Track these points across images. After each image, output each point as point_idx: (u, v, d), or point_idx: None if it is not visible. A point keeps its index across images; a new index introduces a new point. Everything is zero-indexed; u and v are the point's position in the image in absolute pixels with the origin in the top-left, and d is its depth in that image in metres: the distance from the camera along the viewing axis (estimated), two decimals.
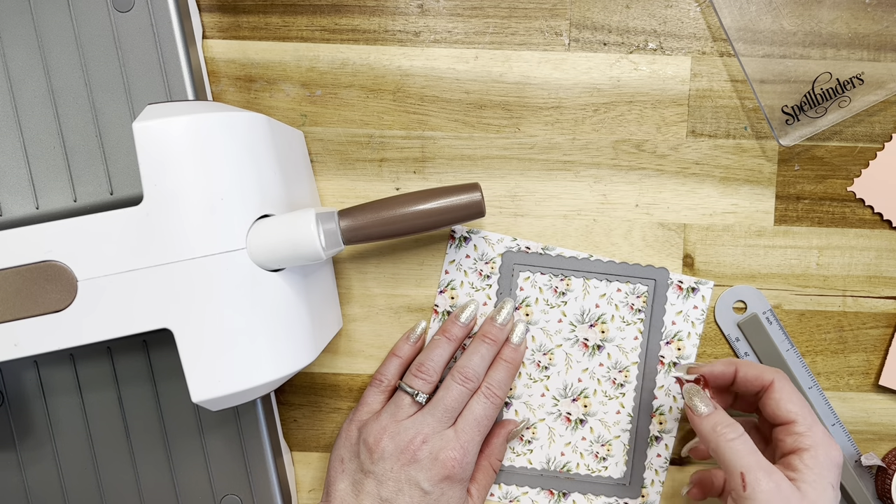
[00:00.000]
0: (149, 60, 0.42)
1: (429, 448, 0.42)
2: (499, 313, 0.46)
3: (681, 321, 0.47)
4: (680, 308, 0.47)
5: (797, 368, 0.47)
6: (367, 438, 0.42)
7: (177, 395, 0.44)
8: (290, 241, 0.35)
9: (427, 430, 0.42)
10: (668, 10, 0.46)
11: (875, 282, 0.47)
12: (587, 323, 0.47)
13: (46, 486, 0.44)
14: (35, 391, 0.44)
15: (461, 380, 0.43)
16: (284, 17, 0.47)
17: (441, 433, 0.42)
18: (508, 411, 0.48)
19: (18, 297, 0.35)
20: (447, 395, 0.43)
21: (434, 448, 0.42)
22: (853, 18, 0.45)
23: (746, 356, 0.47)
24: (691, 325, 0.47)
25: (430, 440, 0.42)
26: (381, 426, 0.42)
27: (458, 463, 0.42)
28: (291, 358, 0.37)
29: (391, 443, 0.42)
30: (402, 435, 0.42)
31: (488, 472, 0.46)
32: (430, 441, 0.42)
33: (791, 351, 0.47)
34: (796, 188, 0.47)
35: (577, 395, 0.47)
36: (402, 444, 0.41)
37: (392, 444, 0.42)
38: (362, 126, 0.47)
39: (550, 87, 0.46)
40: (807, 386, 0.47)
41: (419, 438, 0.42)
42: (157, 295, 0.34)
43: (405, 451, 0.41)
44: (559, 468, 0.47)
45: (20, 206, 0.42)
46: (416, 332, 0.47)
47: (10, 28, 0.42)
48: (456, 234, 0.47)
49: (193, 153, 0.34)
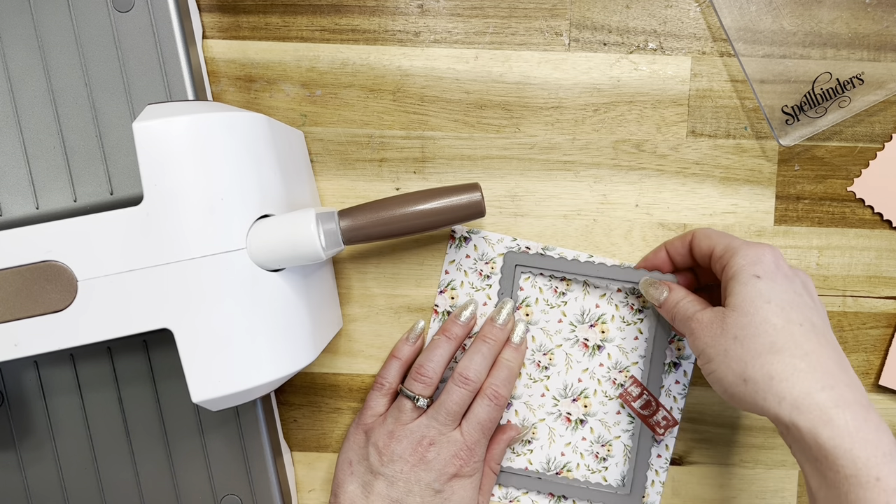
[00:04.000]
0: (149, 60, 0.42)
1: (436, 450, 0.42)
2: (499, 314, 0.46)
3: None
4: None
5: None
6: (377, 442, 0.43)
7: (177, 395, 0.44)
8: (290, 241, 0.35)
9: (433, 433, 0.42)
10: (668, 10, 0.46)
11: (875, 282, 0.47)
12: (587, 323, 0.47)
13: (46, 486, 0.44)
14: (35, 391, 0.44)
15: (461, 382, 0.43)
16: (284, 17, 0.47)
17: (447, 435, 0.43)
18: (509, 411, 0.48)
19: (18, 297, 0.35)
20: (448, 398, 0.43)
21: (442, 450, 0.42)
22: (853, 18, 0.45)
23: None
24: None
25: (436, 442, 0.42)
26: (387, 430, 0.43)
27: (465, 462, 0.42)
28: (291, 358, 0.36)
29: (399, 445, 0.42)
30: (410, 437, 0.42)
31: (489, 476, 0.46)
32: (437, 443, 0.42)
33: None
34: (796, 188, 0.47)
35: (577, 395, 0.47)
36: (410, 446, 0.42)
37: (401, 447, 0.42)
38: (362, 126, 0.47)
39: (550, 87, 0.46)
40: None
41: (426, 441, 0.42)
42: (158, 295, 0.34)
43: (414, 452, 0.42)
44: (559, 468, 0.47)
45: (20, 206, 0.42)
46: (415, 331, 0.47)
47: (10, 28, 0.42)
48: (456, 234, 0.47)
49: (193, 153, 0.34)
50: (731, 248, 0.39)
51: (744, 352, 0.35)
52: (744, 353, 0.35)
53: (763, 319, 0.35)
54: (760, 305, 0.36)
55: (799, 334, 0.35)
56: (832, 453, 0.32)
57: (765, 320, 0.35)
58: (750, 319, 0.36)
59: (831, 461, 0.32)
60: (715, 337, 0.36)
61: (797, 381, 0.34)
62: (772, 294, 0.36)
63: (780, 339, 0.35)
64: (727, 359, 0.36)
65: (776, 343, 0.35)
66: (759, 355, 0.35)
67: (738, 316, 0.36)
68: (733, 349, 0.36)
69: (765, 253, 0.38)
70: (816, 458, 0.33)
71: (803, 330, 0.35)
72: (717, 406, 0.48)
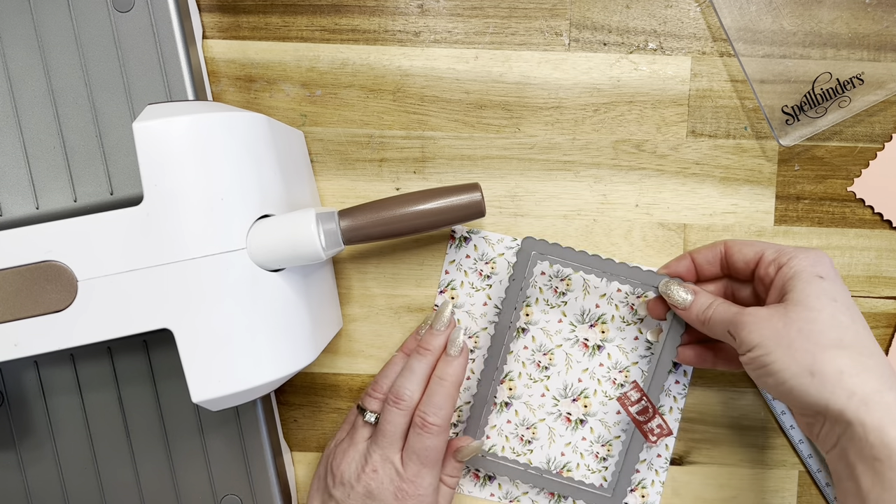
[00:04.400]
0: (149, 60, 0.42)
1: (379, 479, 0.41)
2: (437, 319, 0.44)
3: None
4: None
5: None
6: (332, 462, 0.43)
7: (177, 395, 0.44)
8: (291, 241, 0.35)
9: (376, 458, 0.41)
10: (668, 10, 0.46)
11: (875, 282, 0.47)
12: (587, 323, 0.47)
13: (46, 486, 0.44)
14: (35, 391, 0.44)
15: (393, 401, 0.42)
16: (284, 17, 0.47)
17: (390, 462, 0.41)
18: (508, 411, 0.48)
19: (18, 297, 0.35)
20: (384, 420, 0.42)
21: (384, 482, 0.41)
22: (853, 18, 0.45)
23: None
24: None
25: (379, 469, 0.41)
26: (341, 449, 0.43)
27: (408, 496, 0.41)
28: (291, 358, 0.36)
29: (349, 468, 0.42)
30: (357, 458, 0.42)
31: (445, 493, 0.44)
32: (379, 470, 0.41)
33: None
34: (796, 188, 0.47)
35: (577, 395, 0.47)
36: (356, 470, 0.42)
37: (349, 470, 0.42)
38: (362, 126, 0.47)
39: (550, 87, 0.46)
40: None
41: (370, 467, 0.41)
42: (158, 295, 0.34)
43: (359, 480, 0.41)
44: (559, 468, 0.47)
45: (20, 206, 0.42)
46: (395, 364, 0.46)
47: (10, 28, 0.42)
48: (456, 235, 0.47)
49: (193, 153, 0.34)
50: (785, 251, 0.39)
51: (811, 345, 0.35)
52: (812, 347, 0.35)
53: (831, 315, 0.35)
54: (827, 302, 0.36)
55: (864, 334, 0.36)
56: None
57: (832, 316, 0.35)
58: (818, 315, 0.35)
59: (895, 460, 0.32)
60: (776, 330, 0.36)
61: (868, 377, 0.34)
62: (836, 294, 0.36)
63: (848, 337, 0.35)
64: (792, 350, 0.35)
65: (844, 339, 0.35)
66: (827, 349, 0.35)
67: (803, 310, 0.36)
68: (799, 342, 0.35)
69: (824, 257, 0.38)
70: (877, 458, 0.33)
71: (867, 331, 0.36)
72: (717, 406, 0.48)
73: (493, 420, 0.48)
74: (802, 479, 0.48)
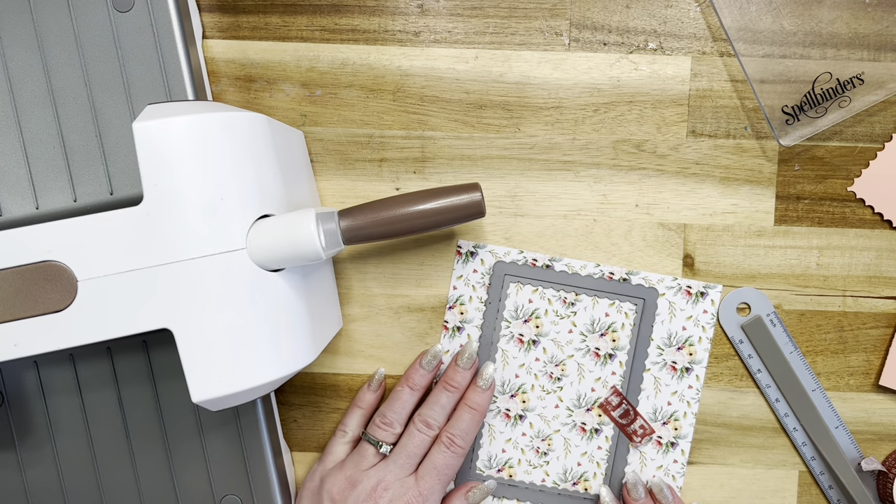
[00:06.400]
0: (149, 60, 0.42)
1: (390, 496, 0.42)
2: (461, 357, 0.45)
3: (691, 326, 0.47)
4: (690, 313, 0.47)
5: (801, 371, 0.47)
6: (332, 489, 0.43)
7: (177, 395, 0.44)
8: (290, 241, 0.35)
9: (389, 478, 0.42)
10: (668, 10, 0.46)
11: (875, 282, 0.47)
12: (598, 332, 0.47)
13: (46, 486, 0.44)
14: (35, 391, 0.44)
15: (423, 427, 0.44)
16: (284, 17, 0.47)
17: (402, 480, 0.43)
18: (523, 424, 0.47)
19: (18, 297, 0.35)
20: (409, 441, 0.43)
21: (395, 495, 0.42)
22: (853, 18, 0.45)
23: (750, 358, 0.47)
24: (702, 329, 0.47)
25: (391, 487, 0.42)
26: (344, 475, 0.43)
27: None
28: (291, 358, 0.36)
29: (354, 492, 0.42)
30: (365, 483, 0.42)
31: None
32: (391, 488, 0.42)
33: (795, 353, 0.47)
34: (796, 188, 0.47)
35: (591, 404, 0.47)
36: (364, 492, 0.42)
37: (354, 494, 0.42)
38: (362, 126, 0.47)
39: (550, 87, 0.46)
40: (810, 389, 0.47)
41: (381, 486, 0.42)
42: (157, 295, 0.34)
43: (368, 498, 0.42)
44: (576, 479, 0.47)
45: (20, 206, 0.42)
46: (374, 381, 0.47)
47: (10, 28, 0.42)
48: (462, 249, 0.47)
49: (193, 153, 0.34)
50: None
51: None
52: None
53: None
54: None
55: None
56: None
57: None
58: None
59: None
60: None
61: None
62: None
63: None
64: None
65: None
66: None
67: None
68: None
69: None
70: None
71: None
72: (717, 406, 0.48)
73: (509, 433, 0.48)
74: (803, 479, 0.48)
